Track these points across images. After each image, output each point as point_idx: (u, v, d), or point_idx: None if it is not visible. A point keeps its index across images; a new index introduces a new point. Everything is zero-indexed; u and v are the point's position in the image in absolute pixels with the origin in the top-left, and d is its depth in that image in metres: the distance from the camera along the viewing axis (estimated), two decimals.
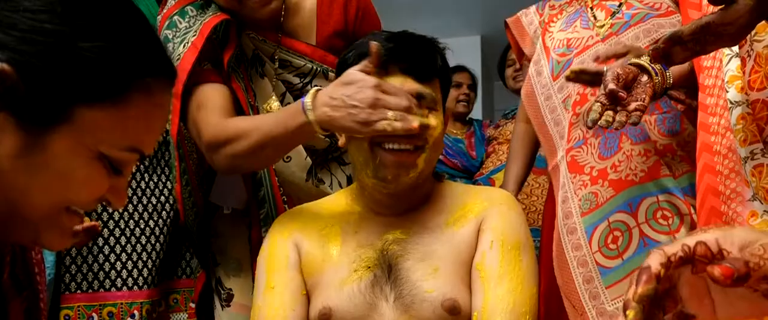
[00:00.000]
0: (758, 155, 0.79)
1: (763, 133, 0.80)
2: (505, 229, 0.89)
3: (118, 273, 1.11)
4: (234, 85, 1.09)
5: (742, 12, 0.68)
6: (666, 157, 1.11)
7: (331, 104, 0.85)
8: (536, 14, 1.41)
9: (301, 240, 0.94)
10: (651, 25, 1.18)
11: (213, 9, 1.09)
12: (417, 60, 0.87)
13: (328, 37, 1.15)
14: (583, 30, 1.28)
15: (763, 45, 0.80)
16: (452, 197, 0.95)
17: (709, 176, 0.89)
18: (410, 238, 0.91)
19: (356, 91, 0.83)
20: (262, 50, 1.13)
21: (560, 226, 1.18)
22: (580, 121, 1.20)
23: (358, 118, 0.83)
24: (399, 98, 0.83)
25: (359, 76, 0.84)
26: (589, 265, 1.13)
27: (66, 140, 0.50)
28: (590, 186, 1.15)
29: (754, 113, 0.80)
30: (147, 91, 0.53)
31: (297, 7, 1.15)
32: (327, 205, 0.99)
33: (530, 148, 1.50)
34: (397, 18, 3.83)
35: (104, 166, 0.53)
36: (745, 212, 0.82)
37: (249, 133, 0.95)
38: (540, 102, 1.33)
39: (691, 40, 0.72)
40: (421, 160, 0.87)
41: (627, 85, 0.93)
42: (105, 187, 0.55)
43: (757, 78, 0.81)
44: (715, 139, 0.88)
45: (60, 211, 0.54)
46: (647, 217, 1.08)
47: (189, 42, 1.05)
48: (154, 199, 1.16)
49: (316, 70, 1.14)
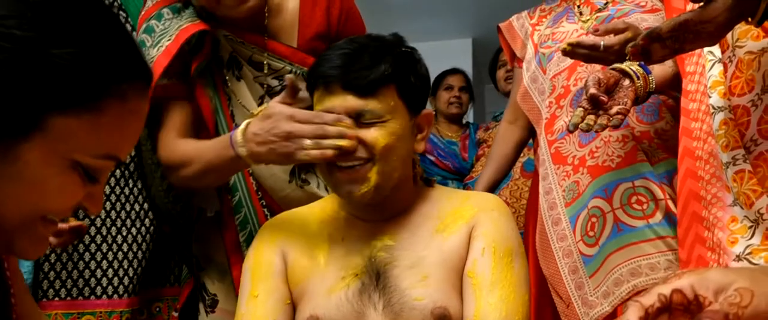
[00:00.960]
0: (740, 160, 0.79)
1: (744, 138, 0.80)
2: (497, 236, 0.88)
3: (98, 281, 1.10)
4: (198, 92, 1.08)
5: (720, 10, 0.68)
6: (643, 143, 1.11)
7: (256, 140, 0.88)
8: (527, 18, 1.43)
9: (288, 248, 0.93)
10: (634, 18, 1.19)
11: (189, 13, 1.08)
12: (356, 76, 0.84)
13: (310, 40, 1.14)
14: (568, 24, 1.30)
15: (744, 50, 0.80)
16: (441, 202, 0.94)
17: (691, 181, 0.89)
18: (399, 245, 0.90)
19: (272, 125, 0.86)
20: (240, 52, 1.11)
21: (545, 218, 1.18)
22: (563, 114, 1.20)
23: (279, 151, 0.86)
24: (312, 126, 0.84)
25: (276, 109, 0.87)
26: (574, 255, 1.13)
27: (39, 149, 0.49)
28: (572, 175, 1.16)
29: (735, 118, 0.80)
30: (122, 97, 0.52)
31: (279, 8, 1.14)
32: (314, 211, 0.98)
33: (510, 151, 1.48)
34: (390, 20, 3.83)
35: (79, 175, 0.52)
36: (726, 217, 0.82)
37: (192, 161, 0.99)
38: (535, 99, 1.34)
39: (669, 38, 0.72)
40: (372, 174, 0.85)
41: (609, 90, 0.93)
42: (80, 195, 0.53)
43: (739, 83, 0.81)
44: (697, 144, 0.88)
45: (34, 220, 0.53)
46: (622, 202, 1.08)
47: (163, 46, 1.04)
48: (136, 206, 1.15)
49: (294, 72, 1.12)
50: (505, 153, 1.47)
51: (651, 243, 1.05)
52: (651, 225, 1.06)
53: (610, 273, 1.07)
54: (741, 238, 0.80)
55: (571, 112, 1.18)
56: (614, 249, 1.07)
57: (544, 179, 1.22)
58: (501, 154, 1.47)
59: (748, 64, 0.79)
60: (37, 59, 0.47)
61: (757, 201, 0.77)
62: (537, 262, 1.24)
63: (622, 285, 1.05)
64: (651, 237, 1.05)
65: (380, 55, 0.86)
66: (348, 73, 0.85)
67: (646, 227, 1.06)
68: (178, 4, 1.09)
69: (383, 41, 0.90)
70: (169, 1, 1.09)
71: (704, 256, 0.88)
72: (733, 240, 0.81)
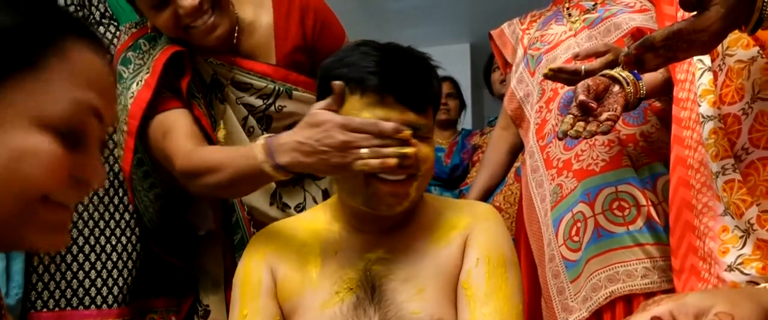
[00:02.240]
0: (729, 170, 0.78)
1: (735, 147, 0.80)
2: (491, 246, 0.88)
3: (86, 291, 1.09)
4: (197, 113, 1.05)
5: (714, 19, 0.68)
6: (628, 147, 1.11)
7: (301, 149, 0.82)
8: (518, 24, 1.43)
9: (277, 263, 0.91)
10: (622, 18, 1.19)
11: (164, 40, 1.05)
12: (414, 90, 0.83)
13: (289, 54, 1.12)
14: (557, 26, 1.30)
15: (734, 59, 0.80)
16: (435, 213, 0.93)
17: (683, 190, 0.88)
18: (394, 257, 0.88)
19: (323, 134, 0.80)
20: (221, 74, 1.08)
21: (542, 224, 1.18)
22: (551, 117, 1.20)
23: (332, 162, 0.81)
24: (367, 136, 0.80)
25: (324, 117, 0.81)
26: (556, 260, 1.13)
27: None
28: (557, 178, 1.16)
29: (725, 127, 0.80)
30: (62, 51, 0.51)
31: (252, 27, 1.11)
32: (305, 223, 0.95)
33: (504, 157, 1.46)
34: (387, 25, 3.84)
35: (54, 139, 0.50)
36: (717, 227, 0.81)
37: (221, 168, 0.91)
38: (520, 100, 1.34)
39: (662, 47, 0.71)
40: (413, 189, 0.85)
41: (598, 96, 0.92)
42: (66, 163, 0.51)
43: (729, 92, 0.80)
44: (688, 153, 0.87)
45: (34, 204, 0.50)
46: (603, 208, 1.08)
47: (142, 80, 1.01)
48: (126, 215, 1.14)
49: (278, 90, 1.10)
50: (498, 159, 1.46)
51: (629, 250, 1.05)
52: (631, 232, 1.06)
53: (588, 278, 1.07)
54: (732, 248, 0.80)
55: (559, 115, 1.18)
56: (594, 255, 1.08)
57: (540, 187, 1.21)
58: (494, 160, 1.46)
59: (737, 73, 0.78)
60: None
61: (747, 212, 0.76)
62: (528, 269, 1.24)
63: (600, 291, 1.05)
64: (630, 244, 1.06)
65: (428, 73, 0.87)
66: (406, 86, 0.83)
67: (625, 234, 1.06)
68: (153, 33, 1.07)
69: (423, 58, 0.89)
70: (144, 31, 1.08)
71: (696, 266, 0.87)
72: (724, 250, 0.81)
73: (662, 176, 1.08)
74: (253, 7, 1.12)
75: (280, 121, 1.12)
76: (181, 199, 1.15)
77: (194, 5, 0.97)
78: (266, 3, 1.12)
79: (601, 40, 1.20)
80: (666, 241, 1.03)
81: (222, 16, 1.02)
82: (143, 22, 1.10)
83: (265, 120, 1.12)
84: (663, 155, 1.07)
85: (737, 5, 0.67)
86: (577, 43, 1.23)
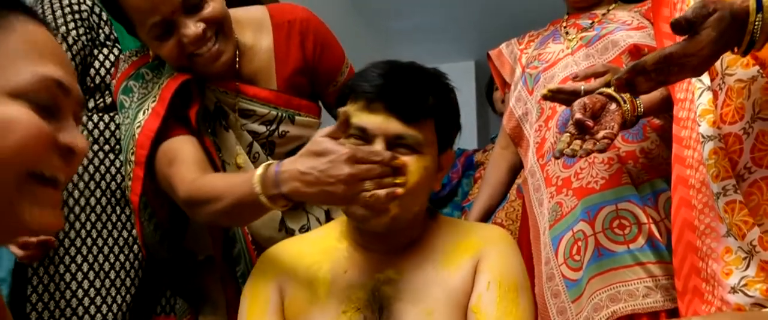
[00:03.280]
0: (730, 191, 0.77)
1: (737, 167, 0.79)
2: (503, 270, 0.86)
3: (86, 310, 1.09)
4: (206, 142, 1.04)
5: (705, 43, 0.68)
6: (628, 164, 1.10)
7: (304, 179, 0.80)
8: (516, 44, 1.44)
9: (286, 281, 0.90)
10: (619, 36, 1.19)
11: (168, 68, 1.04)
12: (403, 99, 0.83)
13: (289, 78, 1.11)
14: (554, 45, 1.31)
15: (734, 79, 0.79)
16: (446, 235, 0.91)
17: (685, 210, 0.87)
18: (403, 278, 0.87)
19: (329, 165, 0.78)
20: (224, 102, 1.08)
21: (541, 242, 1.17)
22: (550, 136, 1.20)
23: (337, 194, 0.79)
24: (374, 166, 0.79)
25: (330, 147, 0.79)
26: (556, 279, 1.12)
27: None
28: (556, 196, 1.15)
29: (726, 147, 0.79)
30: (11, 28, 0.51)
31: (253, 52, 1.10)
32: (314, 241, 0.95)
33: (504, 176, 1.45)
34: (392, 44, 3.86)
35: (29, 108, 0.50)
36: (720, 248, 0.80)
37: (222, 197, 0.90)
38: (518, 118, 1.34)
39: (654, 70, 0.71)
40: (394, 205, 0.82)
41: (595, 114, 0.92)
42: (47, 131, 0.51)
43: (729, 111, 0.79)
44: (690, 172, 0.86)
45: (23, 180, 0.50)
46: (604, 226, 1.07)
47: (150, 109, 1.00)
48: (124, 233, 1.14)
49: (281, 115, 1.09)
50: (498, 178, 1.45)
51: (630, 269, 1.04)
52: (632, 251, 1.05)
53: (590, 298, 1.06)
54: (736, 270, 0.78)
55: (558, 133, 1.17)
56: (595, 274, 1.06)
57: (541, 205, 1.20)
58: (495, 179, 1.46)
59: (737, 92, 0.78)
60: None
61: (749, 233, 0.75)
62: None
63: (602, 311, 1.04)
64: (630, 263, 1.04)
65: (427, 86, 0.86)
66: (394, 94, 0.83)
67: (626, 252, 1.05)
68: (155, 61, 1.06)
69: (428, 72, 0.89)
70: (145, 60, 1.07)
71: (700, 287, 0.85)
72: (727, 271, 0.79)
73: (664, 193, 1.07)
74: (252, 31, 1.11)
75: (284, 146, 1.12)
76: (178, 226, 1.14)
77: (198, 34, 0.96)
78: (266, 27, 1.12)
79: (598, 58, 1.20)
80: (668, 259, 1.02)
81: (226, 43, 1.01)
82: (144, 51, 1.10)
83: (269, 145, 1.11)
84: (664, 171, 1.06)
85: (728, 28, 0.67)
86: (574, 61, 1.23)
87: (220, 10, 0.99)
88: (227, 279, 1.12)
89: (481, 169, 2.30)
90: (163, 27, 0.96)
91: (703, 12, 0.68)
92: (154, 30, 0.96)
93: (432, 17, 3.55)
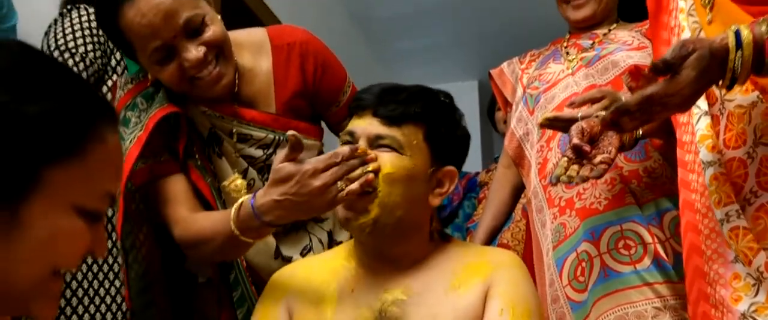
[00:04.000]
0: (733, 217, 0.76)
1: (743, 191, 0.78)
2: (515, 296, 0.85)
3: None
4: (193, 176, 1.05)
5: (685, 84, 0.69)
6: (632, 183, 1.09)
7: (282, 206, 0.85)
8: (518, 63, 1.43)
9: (294, 302, 0.90)
10: (619, 57, 1.19)
11: (161, 97, 1.04)
12: (387, 105, 0.87)
13: (289, 101, 1.11)
14: (554, 65, 1.30)
15: (734, 104, 0.79)
16: (457, 257, 0.91)
17: (692, 235, 0.86)
18: (411, 300, 0.86)
19: (298, 186, 0.83)
20: (220, 127, 1.07)
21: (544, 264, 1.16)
22: (552, 156, 1.19)
23: (316, 206, 0.84)
24: (336, 168, 0.83)
25: (291, 169, 0.84)
26: (561, 301, 1.10)
27: (39, 206, 0.50)
28: (559, 217, 1.14)
29: (730, 172, 0.78)
30: (100, 138, 0.53)
31: (252, 74, 1.10)
32: (324, 261, 0.95)
33: (507, 195, 1.44)
34: (395, 65, 3.88)
35: (83, 219, 0.53)
36: (728, 274, 0.78)
37: (211, 239, 0.94)
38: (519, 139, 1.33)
39: (637, 111, 0.73)
40: (374, 206, 0.84)
41: (593, 138, 0.91)
42: (88, 239, 0.54)
43: (732, 136, 0.79)
44: (695, 197, 0.85)
45: (47, 277, 0.53)
46: (609, 247, 1.06)
47: (135, 138, 1.00)
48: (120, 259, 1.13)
49: (279, 139, 1.08)
50: (501, 198, 1.44)
51: (638, 290, 1.03)
52: (638, 271, 1.03)
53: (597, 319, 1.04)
54: (745, 296, 0.77)
55: (559, 154, 1.17)
56: (602, 295, 1.05)
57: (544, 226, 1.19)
58: (498, 199, 1.44)
59: (739, 118, 0.78)
60: (16, 121, 0.49)
61: (755, 259, 0.74)
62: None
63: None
64: (638, 283, 1.03)
65: (418, 96, 0.89)
66: (381, 102, 0.87)
67: (633, 273, 1.03)
68: (151, 89, 1.06)
69: (426, 88, 0.93)
70: (141, 88, 1.07)
71: (709, 313, 0.84)
72: (736, 297, 0.78)
73: (668, 212, 1.06)
74: (252, 54, 1.11)
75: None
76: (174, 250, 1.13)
77: (199, 58, 0.97)
78: (265, 49, 1.12)
79: (598, 79, 1.20)
80: (675, 279, 1.01)
81: (227, 66, 1.02)
82: (139, 78, 1.09)
83: (266, 170, 1.10)
84: (668, 190, 1.05)
85: (709, 67, 0.68)
86: (575, 81, 1.23)
87: (221, 34, 1.00)
88: (224, 304, 1.11)
89: (485, 190, 2.29)
90: (164, 51, 0.96)
91: (682, 52, 0.69)
92: (155, 55, 0.96)
93: (435, 37, 3.58)
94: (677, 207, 0.94)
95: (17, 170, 0.49)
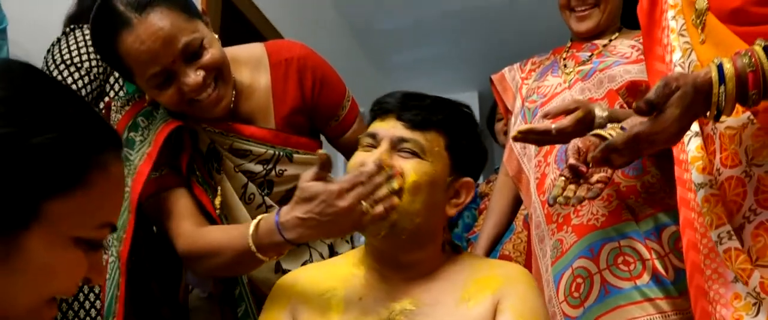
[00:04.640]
0: (725, 239, 0.77)
1: (742, 209, 0.78)
2: (525, 311, 0.84)
3: None
4: (196, 191, 1.05)
5: (671, 121, 0.70)
6: (629, 199, 1.08)
7: (306, 225, 0.84)
8: (519, 70, 1.43)
9: (300, 309, 0.89)
10: (616, 71, 1.19)
11: (162, 114, 1.04)
12: (412, 110, 0.88)
13: (287, 116, 1.10)
14: (552, 78, 1.30)
15: (725, 125, 0.80)
16: (468, 269, 0.90)
17: (693, 253, 0.86)
18: (419, 310, 0.85)
19: (324, 206, 0.82)
20: (219, 143, 1.07)
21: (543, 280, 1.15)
22: (550, 172, 1.19)
23: (340, 228, 0.84)
24: (362, 187, 0.82)
25: (318, 189, 0.83)
26: (558, 317, 1.09)
27: (40, 236, 0.50)
28: (557, 233, 1.13)
29: (728, 190, 0.78)
30: (104, 167, 0.53)
31: (250, 90, 1.09)
32: (332, 267, 0.95)
33: (508, 204, 1.41)
34: (395, 77, 3.90)
35: (82, 249, 0.53)
36: (728, 294, 0.78)
37: (220, 252, 0.93)
38: (518, 154, 1.33)
39: (625, 149, 0.74)
40: (393, 213, 0.83)
41: None
42: (86, 268, 0.54)
43: (728, 155, 0.79)
44: (693, 216, 0.85)
45: (42, 305, 0.54)
46: (609, 263, 1.05)
47: (145, 154, 1.00)
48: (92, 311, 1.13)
49: (278, 154, 1.08)
50: (502, 207, 1.43)
51: (639, 305, 1.02)
52: (639, 287, 1.02)
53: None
54: (746, 316, 0.77)
55: (557, 169, 1.16)
56: (602, 313, 1.04)
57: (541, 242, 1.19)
58: (499, 208, 1.43)
59: (730, 139, 0.78)
60: (21, 151, 0.48)
61: (750, 280, 0.74)
62: None
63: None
64: (639, 299, 1.02)
65: (441, 105, 0.90)
66: (405, 106, 0.88)
67: (633, 289, 1.03)
68: (149, 107, 1.06)
69: (447, 98, 0.93)
70: (139, 107, 1.07)
71: None
72: (737, 317, 0.78)
73: (667, 227, 1.05)
74: (250, 70, 1.10)
75: (282, 185, 1.11)
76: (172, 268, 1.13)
77: (198, 82, 0.97)
78: (263, 65, 1.12)
79: (594, 92, 1.20)
80: (675, 294, 1.00)
81: (225, 87, 1.02)
82: (136, 97, 1.08)
83: (266, 185, 1.10)
84: (666, 205, 1.05)
85: (693, 103, 0.69)
86: (571, 95, 1.23)
87: (219, 56, 1.00)
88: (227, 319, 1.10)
89: (486, 200, 2.29)
90: (163, 76, 0.96)
91: (665, 91, 0.70)
92: (153, 79, 0.96)
93: (434, 48, 3.59)
94: (676, 221, 0.94)
95: (18, 203, 0.49)
